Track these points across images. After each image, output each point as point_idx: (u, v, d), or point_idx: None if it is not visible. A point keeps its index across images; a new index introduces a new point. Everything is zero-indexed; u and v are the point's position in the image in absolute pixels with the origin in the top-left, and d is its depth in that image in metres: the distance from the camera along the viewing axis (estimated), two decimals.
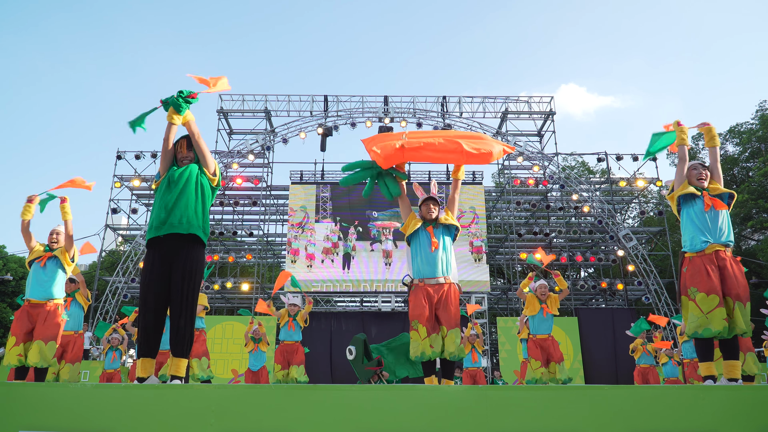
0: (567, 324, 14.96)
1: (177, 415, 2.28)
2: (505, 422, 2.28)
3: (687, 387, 2.57)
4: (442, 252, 3.85)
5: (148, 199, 18.02)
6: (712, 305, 3.36)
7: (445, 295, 3.76)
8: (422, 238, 3.90)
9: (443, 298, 3.76)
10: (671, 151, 4.14)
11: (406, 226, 4.00)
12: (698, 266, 3.50)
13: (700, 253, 3.53)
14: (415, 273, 3.90)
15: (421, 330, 3.70)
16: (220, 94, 18.65)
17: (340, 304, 19.48)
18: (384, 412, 2.30)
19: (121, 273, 16.29)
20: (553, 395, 2.37)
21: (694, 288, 3.47)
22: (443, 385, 2.56)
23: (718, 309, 3.35)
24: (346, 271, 16.29)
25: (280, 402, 2.33)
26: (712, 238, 3.52)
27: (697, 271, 3.48)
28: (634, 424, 2.28)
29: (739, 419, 2.29)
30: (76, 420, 2.29)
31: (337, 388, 2.42)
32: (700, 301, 3.40)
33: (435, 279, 3.79)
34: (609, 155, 17.80)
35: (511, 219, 18.72)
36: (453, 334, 3.70)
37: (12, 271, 22.10)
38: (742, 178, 22.85)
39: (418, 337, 3.71)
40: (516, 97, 19.18)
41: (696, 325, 3.41)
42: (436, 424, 2.28)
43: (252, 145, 17.40)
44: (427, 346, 3.67)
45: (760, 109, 22.40)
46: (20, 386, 2.48)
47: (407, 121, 17.82)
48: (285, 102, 18.75)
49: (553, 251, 17.70)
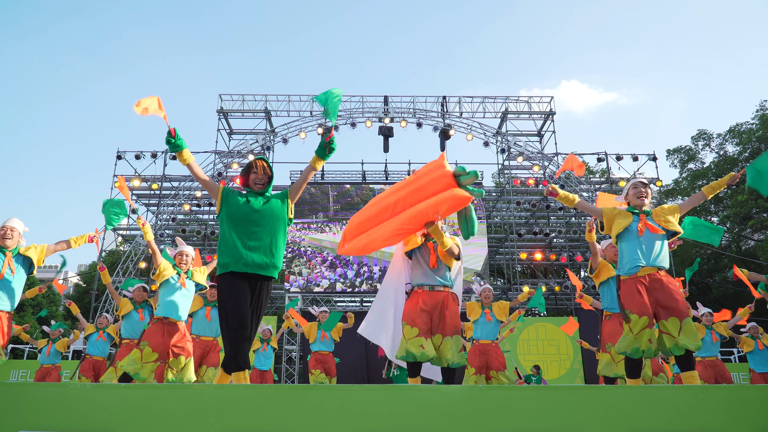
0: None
1: (177, 415, 2.28)
2: (505, 422, 2.28)
3: (687, 387, 2.57)
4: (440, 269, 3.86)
5: (148, 199, 18.02)
6: (642, 325, 3.42)
7: (443, 304, 3.76)
8: (422, 255, 3.92)
9: (441, 306, 3.75)
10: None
11: (407, 241, 4.00)
12: (630, 287, 3.53)
13: (633, 276, 3.55)
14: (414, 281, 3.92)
15: (407, 330, 3.68)
16: (220, 94, 18.67)
17: (340, 304, 19.47)
18: (384, 412, 2.30)
19: (121, 273, 16.29)
20: (553, 395, 2.37)
21: (628, 310, 3.53)
22: (443, 385, 2.56)
23: (647, 330, 3.41)
24: (346, 270, 16.29)
25: (280, 402, 2.32)
26: (645, 261, 3.52)
27: (629, 293, 3.53)
28: (634, 424, 2.28)
29: (739, 419, 2.29)
30: (76, 420, 2.29)
31: (337, 388, 2.42)
32: (633, 322, 3.46)
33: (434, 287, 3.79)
34: (609, 155, 17.81)
35: (511, 219, 18.72)
36: (450, 342, 3.67)
37: None
38: (742, 178, 22.84)
39: (403, 337, 3.69)
40: (516, 97, 19.21)
41: (626, 345, 3.49)
42: (436, 424, 2.28)
43: (252, 145, 17.40)
44: (415, 345, 3.63)
45: (760, 108, 22.41)
46: (20, 386, 2.48)
47: (407, 121, 17.82)
48: (285, 102, 18.76)
49: (553, 251, 17.71)
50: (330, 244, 16.57)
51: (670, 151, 25.32)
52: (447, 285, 3.85)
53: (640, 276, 3.51)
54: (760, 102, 23.46)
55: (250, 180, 3.49)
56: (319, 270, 16.41)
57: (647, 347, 3.41)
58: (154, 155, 17.20)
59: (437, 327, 3.74)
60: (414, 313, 3.71)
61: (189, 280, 4.85)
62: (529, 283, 17.52)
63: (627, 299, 3.54)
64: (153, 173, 17.50)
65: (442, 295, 3.80)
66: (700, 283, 21.34)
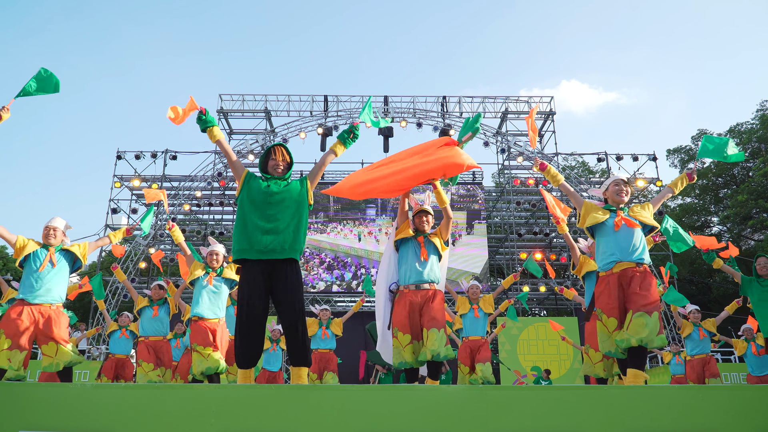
0: (567, 324, 14.94)
1: (177, 415, 2.28)
2: (505, 422, 2.28)
3: (687, 387, 2.57)
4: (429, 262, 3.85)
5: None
6: (613, 326, 3.44)
7: (429, 299, 3.76)
8: (412, 247, 3.91)
9: (427, 301, 3.75)
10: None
11: (399, 230, 4.00)
12: (603, 286, 3.54)
13: (609, 272, 3.53)
14: (401, 279, 3.90)
15: (401, 338, 3.70)
16: (220, 94, 18.69)
17: (340, 304, 19.46)
18: (384, 412, 2.30)
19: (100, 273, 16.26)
20: (553, 395, 2.37)
21: (599, 309, 3.54)
22: (443, 385, 2.56)
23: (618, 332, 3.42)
24: (343, 272, 16.28)
25: (280, 402, 2.33)
26: (621, 256, 3.49)
27: (602, 293, 3.54)
28: (634, 424, 2.28)
29: (739, 419, 2.29)
30: (76, 420, 2.29)
31: (337, 388, 2.42)
32: (606, 321, 3.49)
33: (420, 285, 3.79)
34: (609, 155, 17.81)
35: (511, 219, 18.73)
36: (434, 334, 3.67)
37: (12, 271, 22.11)
38: (742, 178, 22.86)
39: (399, 345, 3.70)
40: (516, 98, 19.23)
41: (609, 345, 3.50)
42: (436, 424, 2.28)
43: (252, 145, 17.40)
44: (409, 353, 3.67)
45: (760, 108, 22.42)
46: (20, 386, 2.48)
47: (407, 121, 17.82)
48: (285, 102, 18.76)
49: (553, 251, 17.70)
50: (329, 245, 16.57)
51: (670, 151, 25.35)
52: (433, 281, 3.84)
53: (616, 271, 3.48)
54: (760, 102, 23.51)
55: (269, 166, 3.49)
56: (316, 272, 16.40)
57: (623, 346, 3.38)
58: (154, 155, 17.20)
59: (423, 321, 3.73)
60: (404, 318, 3.72)
61: (218, 277, 5.00)
62: (529, 283, 17.52)
63: (599, 299, 3.56)
64: (153, 173, 17.51)
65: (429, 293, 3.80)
66: (700, 283, 21.34)
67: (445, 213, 3.97)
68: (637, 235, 3.55)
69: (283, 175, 3.45)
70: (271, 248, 3.21)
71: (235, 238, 3.31)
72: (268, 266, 3.23)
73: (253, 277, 3.20)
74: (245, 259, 3.25)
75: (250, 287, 3.18)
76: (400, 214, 4.06)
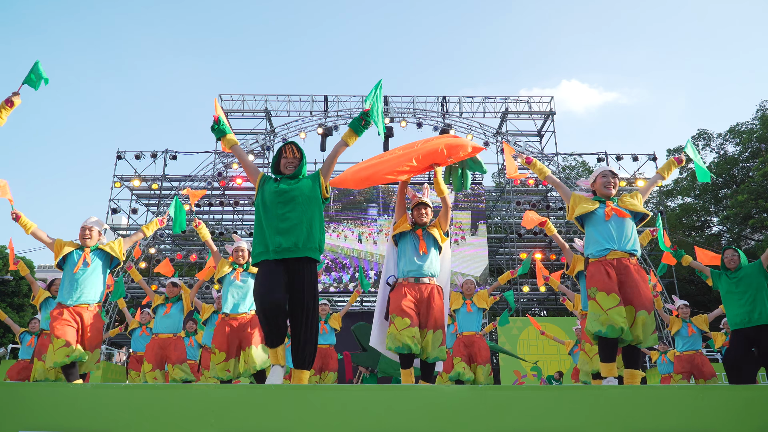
0: (567, 323, 14.95)
1: (177, 415, 2.28)
2: (505, 422, 2.28)
3: (687, 387, 2.57)
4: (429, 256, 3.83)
5: (148, 199, 18.02)
6: (612, 303, 3.28)
7: (428, 296, 3.70)
8: (410, 241, 3.88)
9: (426, 298, 3.69)
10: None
11: (397, 225, 3.98)
12: (598, 268, 3.45)
13: (603, 258, 3.47)
14: (399, 273, 3.86)
15: (399, 322, 3.58)
16: (219, 94, 18.70)
17: (340, 304, 19.46)
18: (384, 412, 2.29)
19: (122, 273, 16.29)
20: (553, 395, 2.37)
21: (594, 288, 3.41)
22: (443, 385, 2.56)
23: (618, 308, 3.26)
24: (341, 274, 16.28)
25: (280, 402, 2.32)
26: (615, 245, 3.45)
27: (597, 272, 3.43)
28: (634, 424, 2.27)
29: (739, 419, 2.29)
30: (76, 420, 2.29)
31: (337, 388, 2.42)
32: (600, 300, 3.33)
33: (419, 279, 3.76)
34: (609, 155, 17.81)
35: (511, 219, 18.72)
36: (433, 336, 3.63)
37: (12, 272, 22.09)
38: (742, 178, 22.86)
39: (395, 329, 3.59)
40: (516, 97, 19.24)
41: (599, 323, 3.30)
42: (436, 424, 2.28)
43: (252, 145, 17.40)
44: (407, 336, 3.53)
45: (760, 108, 22.42)
46: (20, 386, 2.48)
47: (407, 121, 17.82)
48: (285, 102, 18.78)
49: (553, 251, 17.70)
50: (329, 245, 16.55)
51: (671, 151, 25.33)
52: (433, 275, 3.81)
53: (610, 259, 3.43)
54: (760, 102, 23.51)
55: (281, 166, 3.46)
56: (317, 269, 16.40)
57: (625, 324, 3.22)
58: (154, 155, 17.20)
59: (423, 321, 3.71)
60: (403, 304, 3.63)
61: (245, 272, 5.01)
62: (529, 283, 17.52)
63: (594, 278, 3.43)
64: (153, 173, 17.51)
65: (427, 288, 3.74)
66: (700, 283, 21.34)
67: (444, 202, 3.95)
68: (629, 225, 3.52)
69: (295, 172, 3.41)
70: (285, 247, 3.18)
71: (254, 243, 3.31)
72: (285, 266, 3.21)
73: (270, 269, 3.17)
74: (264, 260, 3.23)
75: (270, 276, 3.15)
76: (398, 208, 4.04)
